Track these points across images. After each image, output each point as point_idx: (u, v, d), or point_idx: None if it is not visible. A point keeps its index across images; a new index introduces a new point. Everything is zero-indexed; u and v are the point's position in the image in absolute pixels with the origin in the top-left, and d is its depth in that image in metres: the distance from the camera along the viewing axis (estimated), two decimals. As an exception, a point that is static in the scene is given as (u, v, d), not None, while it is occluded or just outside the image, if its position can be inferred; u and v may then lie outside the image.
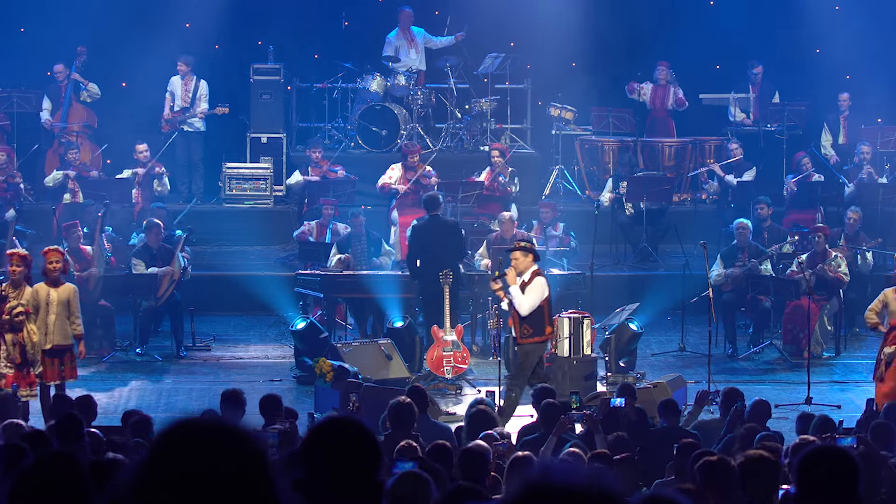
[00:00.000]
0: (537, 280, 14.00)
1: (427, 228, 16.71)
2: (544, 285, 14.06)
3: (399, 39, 21.96)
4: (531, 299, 13.91)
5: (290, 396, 14.94)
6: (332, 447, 3.78)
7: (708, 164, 21.31)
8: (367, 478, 3.76)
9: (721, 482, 7.39)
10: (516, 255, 14.02)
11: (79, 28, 21.04)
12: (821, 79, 22.15)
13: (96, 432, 10.24)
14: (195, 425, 2.88)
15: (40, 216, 19.90)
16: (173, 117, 21.15)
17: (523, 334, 14.01)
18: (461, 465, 8.38)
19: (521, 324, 13.99)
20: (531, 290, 13.93)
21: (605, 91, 22.33)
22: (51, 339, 13.79)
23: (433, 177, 19.70)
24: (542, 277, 14.10)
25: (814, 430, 10.40)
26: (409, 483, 5.57)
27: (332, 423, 3.92)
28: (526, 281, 13.95)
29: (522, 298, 13.90)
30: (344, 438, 3.76)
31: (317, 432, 3.85)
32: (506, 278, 13.96)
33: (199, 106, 21.18)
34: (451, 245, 16.64)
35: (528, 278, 13.96)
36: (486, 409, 11.66)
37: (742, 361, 17.29)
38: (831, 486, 5.03)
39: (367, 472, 3.77)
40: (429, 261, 16.36)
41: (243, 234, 20.48)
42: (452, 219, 17.85)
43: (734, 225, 18.11)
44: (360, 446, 3.77)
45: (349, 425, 3.85)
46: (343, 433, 3.79)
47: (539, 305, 13.98)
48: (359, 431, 3.82)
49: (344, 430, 3.81)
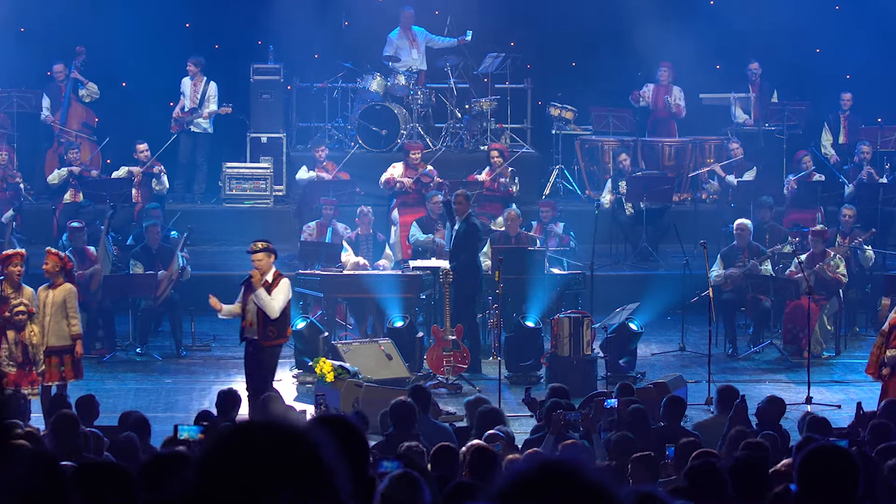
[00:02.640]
0: (283, 281, 13.78)
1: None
2: (289, 286, 13.87)
3: (400, 39, 21.96)
4: (280, 300, 13.64)
5: (290, 396, 14.97)
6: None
7: (708, 164, 21.31)
8: (357, 472, 3.81)
9: (709, 484, 7.41)
10: (259, 257, 13.70)
11: (79, 28, 21.04)
12: (821, 78, 22.16)
13: (97, 432, 10.24)
14: (251, 427, 2.96)
15: (40, 216, 19.90)
16: (181, 117, 21.15)
17: (268, 336, 13.68)
18: (471, 463, 8.37)
19: (265, 326, 13.64)
20: (278, 291, 13.67)
21: (605, 91, 22.32)
22: (47, 341, 13.81)
23: (435, 176, 19.69)
24: (286, 279, 13.91)
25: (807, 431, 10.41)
26: (402, 484, 5.56)
27: (319, 420, 4.06)
28: (270, 282, 13.68)
29: (271, 300, 13.60)
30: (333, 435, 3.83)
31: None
32: (251, 281, 13.66)
33: (208, 107, 21.18)
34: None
35: (273, 279, 13.71)
36: (495, 407, 11.69)
37: (742, 361, 17.29)
38: (831, 486, 5.03)
39: (357, 467, 3.82)
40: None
41: (243, 234, 20.44)
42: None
43: (734, 225, 18.10)
44: (348, 442, 3.83)
45: (336, 422, 3.92)
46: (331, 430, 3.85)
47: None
48: (346, 428, 3.90)
49: (332, 427, 3.88)
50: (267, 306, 13.59)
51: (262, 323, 13.64)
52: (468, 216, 16.71)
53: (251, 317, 13.70)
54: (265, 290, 13.62)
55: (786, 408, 12.10)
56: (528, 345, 16.40)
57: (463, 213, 16.69)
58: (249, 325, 13.73)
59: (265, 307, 13.59)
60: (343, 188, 19.92)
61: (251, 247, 13.89)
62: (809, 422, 10.71)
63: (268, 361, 13.76)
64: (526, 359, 16.34)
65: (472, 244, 16.66)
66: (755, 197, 19.51)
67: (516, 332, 16.47)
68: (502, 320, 16.24)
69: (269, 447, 2.90)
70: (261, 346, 13.71)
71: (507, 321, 16.65)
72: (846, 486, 5.06)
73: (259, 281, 13.63)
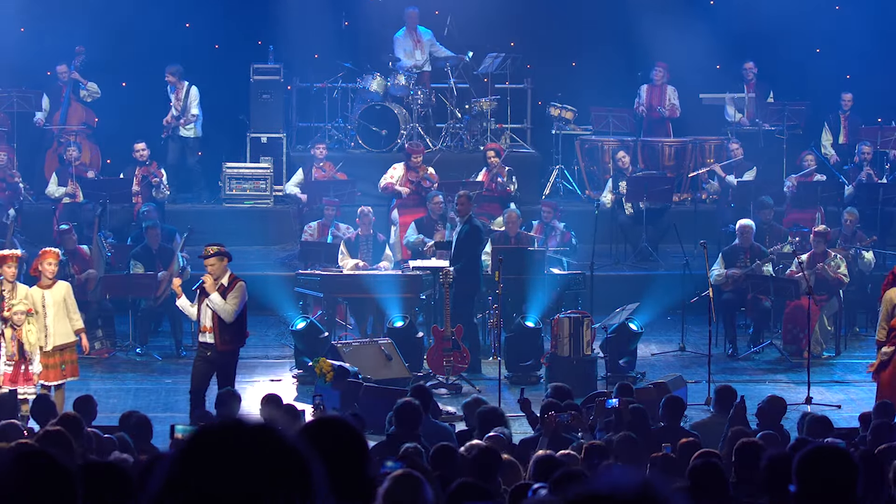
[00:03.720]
0: (239, 285, 13.55)
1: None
2: (245, 290, 13.60)
3: (406, 39, 21.97)
4: (236, 304, 13.45)
5: (290, 396, 14.96)
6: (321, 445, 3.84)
7: (708, 164, 21.31)
8: (358, 473, 3.84)
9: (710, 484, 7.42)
10: (212, 262, 13.50)
11: (79, 28, 21.04)
12: (821, 78, 22.15)
13: (97, 432, 10.25)
14: (225, 428, 2.92)
15: (40, 216, 19.90)
16: (168, 124, 21.17)
17: (224, 341, 13.50)
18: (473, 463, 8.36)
19: (222, 331, 13.45)
20: (234, 295, 13.45)
21: (605, 91, 22.32)
22: (52, 341, 13.82)
23: (435, 181, 19.68)
24: (242, 283, 13.65)
25: (808, 431, 10.41)
26: (404, 484, 5.57)
27: (319, 422, 4.05)
28: (226, 285, 13.49)
29: (225, 305, 13.41)
30: (332, 436, 3.85)
31: (306, 431, 3.95)
32: (204, 286, 13.49)
33: (190, 111, 21.15)
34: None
35: (228, 283, 13.52)
36: (495, 407, 11.69)
37: (742, 361, 17.29)
38: (830, 486, 5.04)
39: (358, 468, 3.86)
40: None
41: (243, 234, 20.46)
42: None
43: (737, 226, 18.07)
44: (348, 443, 3.86)
45: (336, 423, 3.96)
46: (331, 431, 3.87)
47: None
48: (346, 429, 3.92)
49: (332, 428, 3.91)
50: (222, 311, 13.42)
51: (219, 328, 13.47)
52: (470, 217, 16.71)
53: (207, 321, 13.55)
54: (220, 294, 13.45)
55: (786, 408, 12.10)
56: (528, 345, 16.41)
57: (465, 214, 16.69)
58: (204, 329, 13.58)
59: (220, 312, 13.42)
60: (343, 188, 19.91)
61: (203, 252, 13.74)
62: (809, 422, 10.71)
63: (225, 367, 13.59)
64: (526, 359, 16.34)
65: (474, 245, 16.66)
66: (755, 197, 19.51)
67: (516, 332, 16.47)
68: (502, 320, 16.24)
69: (236, 449, 2.86)
70: (217, 351, 13.55)
71: (507, 321, 16.65)
72: (845, 486, 5.07)
73: (213, 286, 13.45)
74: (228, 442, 2.89)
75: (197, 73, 21.42)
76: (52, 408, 11.54)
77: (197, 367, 13.74)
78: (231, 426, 2.92)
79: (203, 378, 13.67)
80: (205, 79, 21.47)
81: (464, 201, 16.75)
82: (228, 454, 2.87)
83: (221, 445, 2.88)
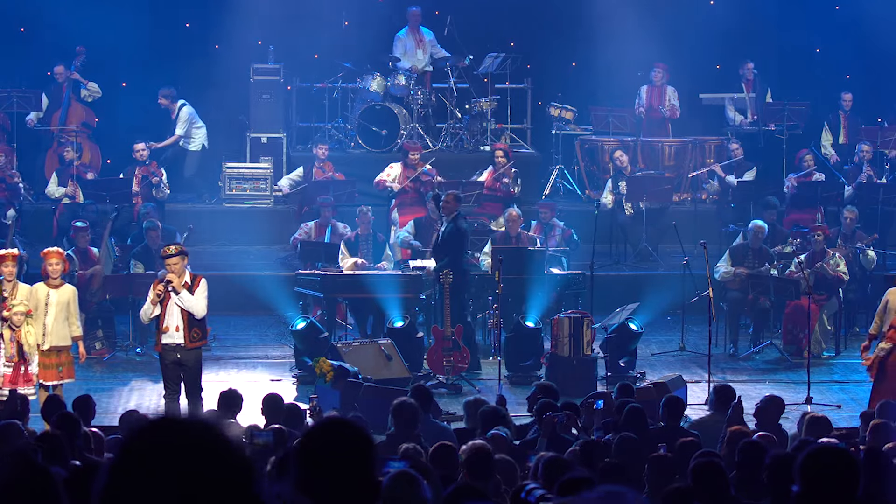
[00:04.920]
0: (202, 281, 13.79)
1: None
2: (207, 285, 13.82)
3: (408, 38, 21.97)
4: (203, 300, 13.67)
5: (290, 396, 14.94)
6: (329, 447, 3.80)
7: (708, 164, 21.32)
8: (365, 476, 3.80)
9: (711, 483, 7.42)
10: (174, 261, 13.64)
11: (79, 28, 21.04)
12: (821, 79, 22.15)
13: (98, 432, 10.24)
14: (171, 427, 2.85)
15: (40, 216, 19.90)
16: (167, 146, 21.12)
17: (192, 338, 13.67)
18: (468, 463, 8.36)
19: (191, 328, 13.62)
20: (201, 290, 13.69)
21: (605, 91, 22.32)
22: (49, 340, 13.82)
23: (434, 176, 19.67)
24: (204, 279, 13.88)
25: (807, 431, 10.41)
26: (402, 483, 5.57)
27: (328, 423, 3.97)
28: (190, 283, 13.69)
29: (195, 301, 13.61)
30: (341, 438, 3.80)
31: (314, 432, 3.89)
32: (172, 285, 13.60)
33: (178, 129, 21.08)
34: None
35: (192, 280, 13.72)
36: (495, 406, 11.68)
37: (742, 361, 17.29)
38: (832, 486, 5.03)
39: (366, 471, 3.81)
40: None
41: (243, 234, 20.48)
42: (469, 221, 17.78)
43: (750, 226, 18.00)
44: (357, 445, 3.81)
45: (345, 425, 3.89)
46: (340, 433, 3.83)
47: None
48: (354, 431, 3.86)
49: (341, 429, 3.85)
50: (194, 307, 13.59)
51: (188, 325, 13.62)
52: (455, 217, 16.63)
53: (174, 321, 13.63)
54: (187, 290, 13.62)
55: (785, 407, 12.10)
56: (527, 345, 16.40)
57: (450, 213, 16.62)
58: (167, 329, 13.64)
59: (192, 308, 13.59)
60: (342, 188, 19.91)
61: (163, 251, 13.93)
62: (809, 422, 10.71)
63: (195, 364, 13.76)
64: (526, 359, 16.34)
65: (456, 245, 16.57)
66: (755, 197, 19.51)
67: (516, 332, 16.47)
68: (502, 320, 16.24)
69: (169, 457, 2.79)
70: (185, 350, 13.67)
71: (507, 321, 16.65)
72: (847, 486, 5.06)
73: (179, 284, 13.61)
74: (162, 450, 2.80)
75: (197, 74, 21.40)
76: (62, 409, 11.52)
77: (169, 370, 13.83)
78: (165, 430, 2.83)
79: (178, 380, 13.81)
80: (205, 79, 21.45)
81: (450, 200, 16.71)
82: (161, 462, 2.78)
83: (154, 454, 2.79)
